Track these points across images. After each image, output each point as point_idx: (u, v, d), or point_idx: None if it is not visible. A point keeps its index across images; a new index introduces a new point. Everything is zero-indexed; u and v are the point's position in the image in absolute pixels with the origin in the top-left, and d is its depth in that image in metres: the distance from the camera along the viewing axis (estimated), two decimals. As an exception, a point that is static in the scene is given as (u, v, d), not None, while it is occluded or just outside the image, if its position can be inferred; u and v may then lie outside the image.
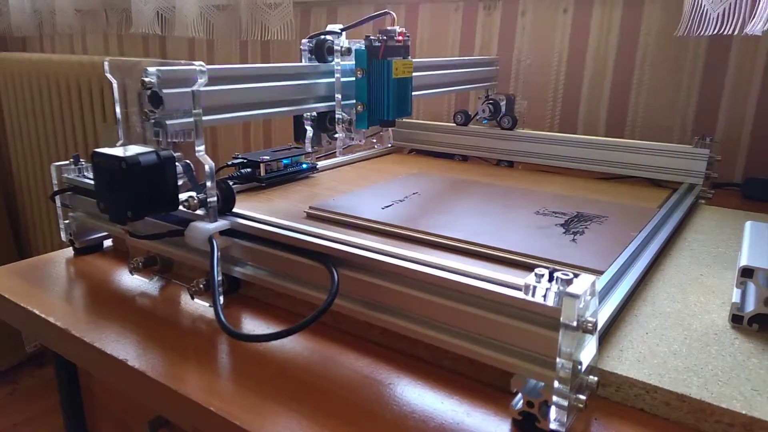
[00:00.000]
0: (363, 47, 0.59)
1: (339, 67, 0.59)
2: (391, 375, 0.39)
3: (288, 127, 1.42)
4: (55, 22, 1.72)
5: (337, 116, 0.60)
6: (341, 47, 0.59)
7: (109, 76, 0.48)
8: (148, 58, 1.69)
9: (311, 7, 1.31)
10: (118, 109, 0.48)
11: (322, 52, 0.60)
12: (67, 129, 1.69)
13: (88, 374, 0.57)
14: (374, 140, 0.62)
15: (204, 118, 0.46)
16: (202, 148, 0.46)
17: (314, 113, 0.61)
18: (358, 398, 0.37)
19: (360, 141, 0.61)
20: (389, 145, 0.64)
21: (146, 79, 0.44)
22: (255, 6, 1.28)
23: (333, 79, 0.60)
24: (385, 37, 0.57)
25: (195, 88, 0.45)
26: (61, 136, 1.72)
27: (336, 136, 0.61)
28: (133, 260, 0.53)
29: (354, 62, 0.59)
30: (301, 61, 0.61)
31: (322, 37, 0.60)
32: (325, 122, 0.61)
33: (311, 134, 0.61)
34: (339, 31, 0.59)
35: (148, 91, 0.44)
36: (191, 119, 0.46)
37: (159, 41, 1.63)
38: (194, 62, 0.44)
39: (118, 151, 0.43)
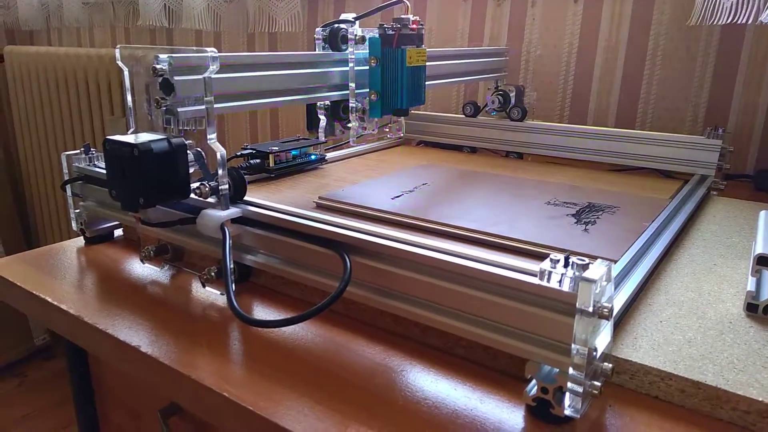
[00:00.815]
0: (377, 36, 0.58)
1: (353, 56, 0.59)
2: (403, 362, 0.39)
3: (295, 117, 1.42)
4: (63, 15, 1.73)
5: (350, 105, 0.60)
6: (355, 36, 0.58)
7: (120, 63, 0.48)
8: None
9: (319, -1, 1.30)
10: (129, 97, 0.48)
11: (335, 40, 0.59)
12: (75, 121, 1.70)
13: (99, 363, 0.57)
14: (386, 130, 0.62)
15: (216, 105, 0.46)
16: (214, 135, 0.46)
17: (327, 102, 0.61)
18: (370, 384, 0.37)
19: (373, 130, 0.61)
20: (401, 135, 0.64)
21: (158, 66, 0.44)
22: (262, -2, 1.28)
23: (347, 68, 0.60)
24: (399, 26, 0.57)
25: (207, 75, 0.45)
26: (68, 128, 1.72)
27: (349, 125, 0.60)
28: (145, 249, 0.53)
29: (368, 51, 0.59)
30: (314, 50, 0.60)
31: (336, 25, 0.59)
32: (338, 111, 0.61)
33: (324, 123, 0.61)
34: (353, 19, 0.59)
35: (160, 78, 0.44)
36: (203, 106, 0.45)
37: (166, 34, 1.63)
38: (206, 48, 0.44)
39: (129, 138, 0.43)
